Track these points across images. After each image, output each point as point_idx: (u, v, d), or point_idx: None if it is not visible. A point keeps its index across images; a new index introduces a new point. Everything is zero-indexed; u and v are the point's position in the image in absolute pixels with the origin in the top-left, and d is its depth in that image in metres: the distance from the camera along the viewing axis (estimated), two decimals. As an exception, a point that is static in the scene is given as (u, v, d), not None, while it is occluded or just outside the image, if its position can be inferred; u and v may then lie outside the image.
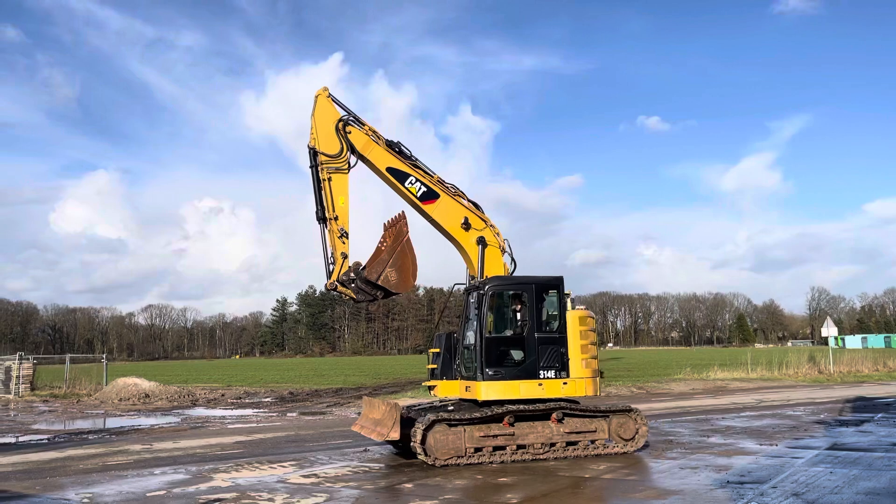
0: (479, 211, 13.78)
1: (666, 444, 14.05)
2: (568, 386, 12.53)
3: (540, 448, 12.30)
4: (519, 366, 12.44)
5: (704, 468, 11.32)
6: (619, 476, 10.87)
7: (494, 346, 12.46)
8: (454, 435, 11.86)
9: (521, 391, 12.30)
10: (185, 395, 30.92)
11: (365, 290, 12.52)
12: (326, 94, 13.19)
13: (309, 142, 12.98)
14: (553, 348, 12.55)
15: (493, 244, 13.68)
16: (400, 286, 12.51)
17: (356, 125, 13.23)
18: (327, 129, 12.99)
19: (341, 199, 12.84)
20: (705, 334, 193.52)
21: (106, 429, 19.72)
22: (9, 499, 10.01)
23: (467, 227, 13.51)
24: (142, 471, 12.16)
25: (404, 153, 13.49)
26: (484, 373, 12.18)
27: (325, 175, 12.80)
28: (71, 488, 10.69)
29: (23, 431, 19.33)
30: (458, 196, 13.69)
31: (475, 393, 12.29)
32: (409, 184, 13.34)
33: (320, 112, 13.10)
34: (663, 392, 29.39)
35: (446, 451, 11.78)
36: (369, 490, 10.18)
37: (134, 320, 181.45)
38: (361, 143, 13.17)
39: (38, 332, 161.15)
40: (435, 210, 13.42)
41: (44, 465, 13.13)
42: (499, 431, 12.12)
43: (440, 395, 13.52)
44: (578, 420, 12.70)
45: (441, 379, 13.33)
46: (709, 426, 17.09)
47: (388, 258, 12.40)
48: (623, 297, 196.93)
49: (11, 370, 34.56)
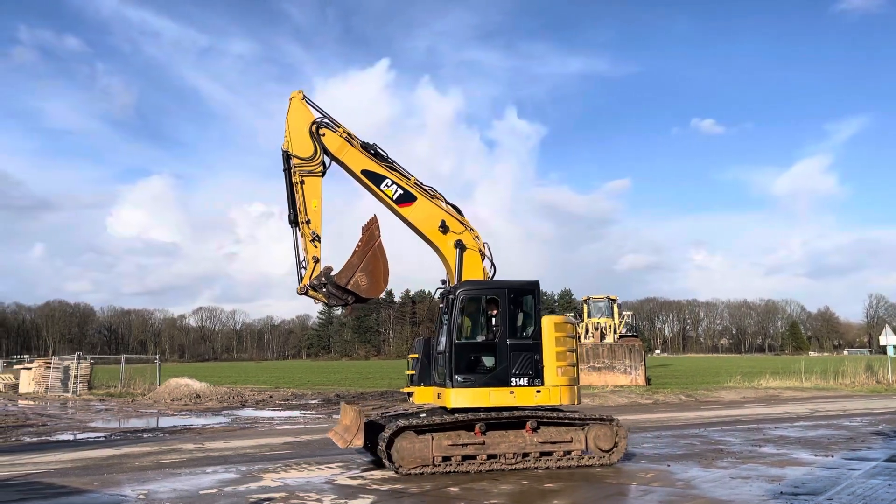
0: (458, 214, 13.51)
1: (716, 453, 13.78)
2: (542, 394, 12.08)
3: (512, 458, 11.87)
4: (490, 373, 12.04)
5: (756, 478, 11.07)
6: (667, 484, 10.71)
7: (465, 352, 12.09)
8: (421, 443, 11.52)
9: (491, 399, 11.89)
10: (234, 395, 31.52)
11: (336, 295, 12.26)
12: (301, 96, 13.00)
13: (282, 144, 12.83)
14: (526, 355, 12.12)
15: (472, 248, 13.39)
16: (370, 291, 12.23)
17: (330, 127, 13.01)
18: (301, 132, 12.80)
19: (314, 202, 12.65)
20: (756, 342, 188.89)
21: (159, 428, 20.25)
22: (69, 494, 10.37)
23: (445, 231, 13.24)
24: (194, 469, 12.46)
25: (380, 155, 13.23)
26: (454, 379, 11.85)
27: (298, 178, 12.59)
28: (127, 485, 11.02)
29: (81, 429, 19.98)
30: (436, 199, 13.42)
31: (445, 400, 11.98)
32: (384, 186, 13.09)
33: (294, 114, 12.90)
34: (713, 400, 28.81)
35: (412, 460, 11.45)
36: (415, 494, 10.24)
37: (185, 322, 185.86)
38: (336, 145, 12.96)
39: (95, 332, 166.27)
40: (411, 213, 13.18)
41: (101, 461, 13.56)
42: (468, 440, 11.72)
43: (417, 401, 13.13)
44: (554, 429, 12.23)
45: (419, 385, 12.99)
46: (761, 436, 16.70)
47: (358, 262, 12.16)
48: (671, 303, 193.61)
49: (70, 369, 35.79)
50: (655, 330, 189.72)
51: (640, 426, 18.84)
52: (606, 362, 35.46)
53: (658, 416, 22.07)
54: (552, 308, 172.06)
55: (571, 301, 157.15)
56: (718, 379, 40.75)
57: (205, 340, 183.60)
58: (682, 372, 55.45)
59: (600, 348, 35.98)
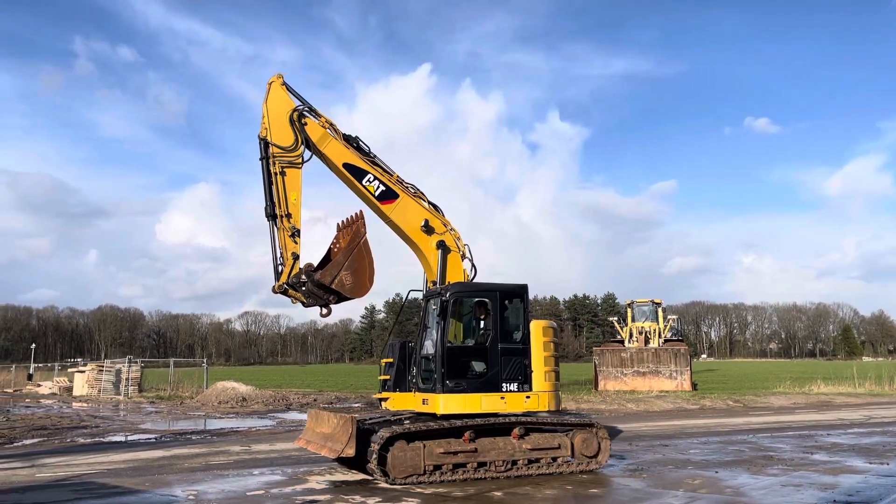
0: (439, 213, 13.19)
1: (766, 460, 13.48)
2: (531, 400, 11.87)
3: (501, 465, 11.52)
4: (481, 378, 11.72)
5: (808, 486, 10.80)
6: (715, 490, 10.50)
7: (456, 356, 11.72)
8: (413, 451, 11.05)
9: (482, 405, 11.57)
10: (279, 399, 31.94)
11: (316, 294, 11.67)
12: (280, 81, 12.38)
13: (260, 132, 12.17)
14: (517, 360, 11.88)
15: (453, 249, 13.07)
16: (355, 291, 11.77)
17: (312, 116, 12.47)
18: (280, 119, 12.20)
19: (293, 195, 12.01)
20: (807, 346, 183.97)
21: (207, 430, 20.65)
22: (122, 494, 10.65)
23: (428, 230, 12.88)
24: (241, 471, 12.67)
25: (362, 149, 12.80)
26: (444, 385, 11.45)
27: (277, 168, 11.95)
28: (177, 485, 11.27)
29: (132, 431, 20.48)
30: (418, 197, 13.06)
31: (433, 406, 11.56)
32: (366, 182, 12.62)
33: (273, 100, 12.28)
34: (762, 406, 28.16)
35: (404, 469, 10.97)
36: (459, 498, 10.24)
37: (231, 326, 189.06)
38: (317, 135, 12.42)
39: (144, 336, 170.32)
40: (393, 211, 12.77)
41: (152, 462, 13.88)
42: (459, 447, 11.30)
43: (393, 408, 12.65)
44: (541, 436, 11.94)
45: (394, 391, 12.54)
46: (812, 442, 16.27)
47: (343, 260, 11.70)
48: (717, 307, 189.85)
49: (122, 373, 36.76)
50: (701, 334, 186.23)
51: (686, 432, 18.54)
52: (651, 367, 34.97)
53: (705, 421, 21.67)
54: (595, 312, 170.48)
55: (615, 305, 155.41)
56: (767, 384, 39.82)
57: (250, 344, 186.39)
58: (729, 377, 54.32)
59: (645, 353, 35.50)
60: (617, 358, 35.51)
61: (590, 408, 26.29)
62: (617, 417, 23.46)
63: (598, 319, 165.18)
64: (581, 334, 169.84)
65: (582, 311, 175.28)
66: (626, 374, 35.00)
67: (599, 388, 34.66)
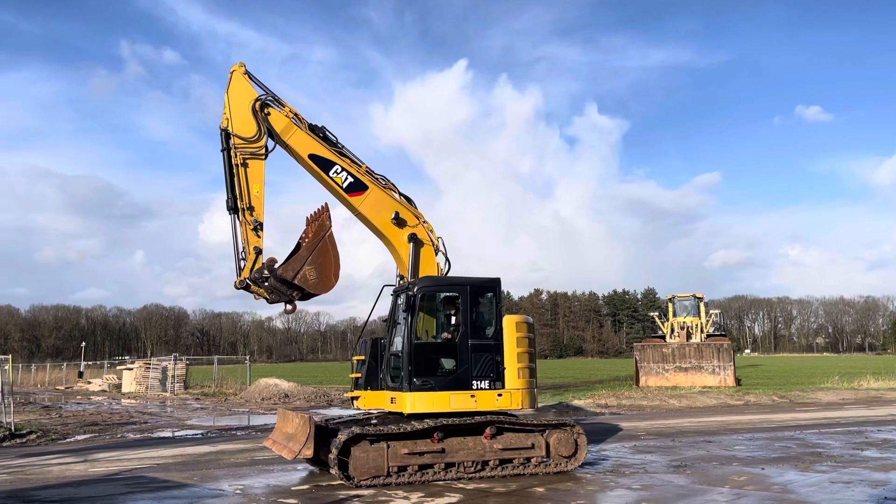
0: (411, 206, 12.78)
1: (814, 457, 13.21)
2: (503, 398, 11.47)
3: (471, 466, 11.15)
4: (450, 375, 11.35)
5: (858, 483, 10.56)
6: (762, 487, 10.34)
7: (424, 352, 11.35)
8: (375, 452, 10.69)
9: (451, 403, 11.18)
10: (320, 395, 32.34)
11: (279, 290, 11.33)
12: (243, 70, 12.01)
13: (221, 122, 11.84)
14: (488, 356, 11.49)
15: (426, 242, 12.66)
16: (319, 286, 11.45)
17: (275, 106, 12.08)
18: (242, 109, 11.80)
19: (256, 187, 11.66)
20: (855, 341, 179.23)
21: (251, 426, 21.01)
22: (171, 488, 10.93)
23: (399, 223, 12.46)
24: (286, 466, 12.87)
25: (329, 139, 12.39)
26: (411, 383, 11.09)
27: (239, 160, 11.60)
28: (224, 480, 11.52)
29: (179, 426, 20.97)
30: (388, 188, 12.62)
31: (401, 405, 11.23)
32: (333, 173, 12.19)
33: (235, 90, 11.91)
34: (809, 402, 27.57)
35: (366, 470, 10.62)
36: (500, 493, 10.27)
37: (272, 324, 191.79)
38: (281, 125, 12.04)
39: (189, 335, 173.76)
40: (363, 203, 12.32)
41: (199, 457, 14.19)
42: (426, 448, 10.91)
43: (364, 406, 12.36)
44: (514, 435, 11.53)
45: (365, 389, 12.17)
46: (863, 439, 15.88)
47: (307, 255, 11.35)
48: (761, 301, 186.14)
49: (168, 370, 37.61)
50: (744, 329, 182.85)
51: (730, 428, 18.26)
52: (693, 362, 34.48)
53: (749, 417, 21.30)
54: (635, 307, 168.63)
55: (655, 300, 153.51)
56: (814, 379, 38.93)
57: (291, 342, 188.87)
58: (774, 372, 53.26)
59: (686, 348, 35.02)
60: (658, 353, 35.09)
61: (631, 404, 26.07)
62: (659, 413, 23.22)
63: (638, 315, 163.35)
64: (621, 330, 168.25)
65: (621, 306, 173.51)
66: (667, 370, 34.58)
67: (641, 384, 34.29)
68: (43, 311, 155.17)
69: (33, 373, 58.93)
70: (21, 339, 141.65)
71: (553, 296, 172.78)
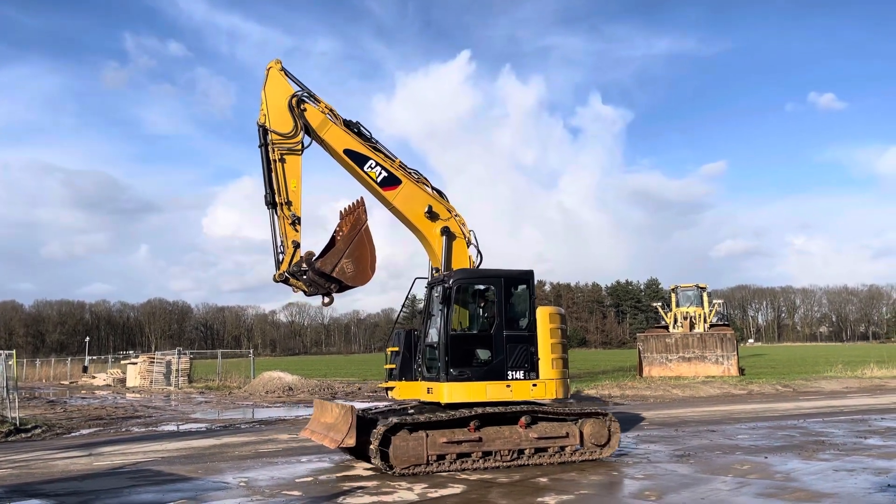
0: (443, 199, 12.92)
1: (817, 445, 13.21)
2: (537, 388, 11.69)
3: (507, 455, 11.32)
4: (486, 366, 11.58)
5: (862, 471, 10.56)
6: (765, 476, 10.35)
7: (460, 344, 11.59)
8: (415, 441, 10.85)
9: (487, 393, 11.42)
10: (324, 388, 32.42)
11: (318, 283, 11.55)
12: (279, 66, 12.21)
13: (259, 118, 12.08)
14: (522, 347, 11.70)
15: (458, 235, 12.80)
16: (357, 279, 11.63)
17: (311, 102, 12.27)
18: (279, 106, 12.04)
19: (294, 182, 11.89)
20: (859, 329, 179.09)
21: (255, 419, 21.08)
22: (176, 481, 10.98)
23: (432, 216, 12.62)
24: (290, 458, 12.92)
25: (363, 134, 12.55)
26: (448, 373, 11.31)
27: (277, 155, 11.83)
28: (229, 473, 11.56)
29: (184, 420, 21.03)
30: (421, 182, 12.78)
31: (437, 395, 11.43)
32: (368, 168, 12.38)
33: (272, 86, 12.12)
34: (813, 390, 27.58)
35: (406, 459, 10.76)
36: (504, 483, 10.30)
37: (276, 318, 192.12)
38: (317, 121, 12.21)
39: (192, 329, 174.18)
40: (396, 197, 12.51)
41: (203, 451, 14.24)
42: (463, 437, 11.08)
43: (399, 397, 12.47)
44: (548, 424, 11.70)
45: (400, 380, 12.33)
46: (866, 427, 15.89)
47: (344, 248, 11.54)
48: (764, 291, 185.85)
49: (172, 364, 37.73)
50: (748, 319, 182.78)
51: (733, 417, 18.27)
52: (696, 352, 34.46)
53: (753, 406, 21.32)
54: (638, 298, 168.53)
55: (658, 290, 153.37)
56: (818, 368, 38.93)
57: (295, 335, 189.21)
58: (777, 361, 53.27)
59: (690, 338, 35.00)
60: (661, 344, 35.08)
61: (634, 394, 26.09)
62: (662, 403, 23.24)
63: (641, 305, 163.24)
64: (624, 321, 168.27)
65: (625, 297, 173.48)
66: (670, 360, 34.57)
67: (644, 375, 34.30)
68: (47, 307, 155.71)
69: (38, 368, 59.23)
70: (26, 334, 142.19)
71: (556, 287, 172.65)
